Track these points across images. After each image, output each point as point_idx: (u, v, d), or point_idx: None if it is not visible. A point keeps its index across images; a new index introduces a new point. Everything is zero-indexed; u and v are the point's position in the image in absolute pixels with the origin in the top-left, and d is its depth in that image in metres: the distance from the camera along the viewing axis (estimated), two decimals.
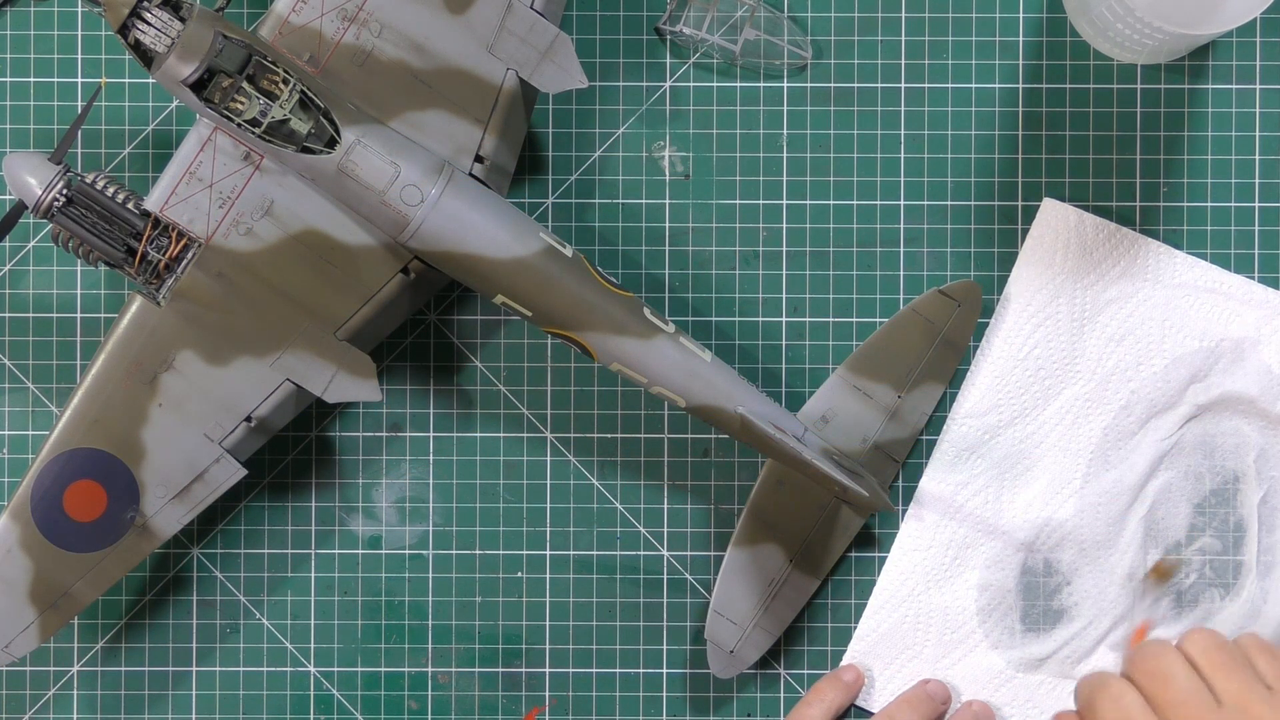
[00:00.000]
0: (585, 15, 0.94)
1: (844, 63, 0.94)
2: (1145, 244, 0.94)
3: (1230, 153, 0.94)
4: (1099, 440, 0.93)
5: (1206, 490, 0.94)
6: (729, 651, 0.92)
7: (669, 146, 0.95)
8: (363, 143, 0.85)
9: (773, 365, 0.94)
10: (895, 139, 0.94)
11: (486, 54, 0.87)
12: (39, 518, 0.87)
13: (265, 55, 0.85)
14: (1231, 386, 0.93)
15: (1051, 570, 0.94)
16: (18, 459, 0.94)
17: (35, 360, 0.94)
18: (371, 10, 0.86)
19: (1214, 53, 0.94)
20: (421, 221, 0.85)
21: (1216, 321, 0.93)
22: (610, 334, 0.87)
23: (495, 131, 0.88)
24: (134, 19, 0.84)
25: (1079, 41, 0.94)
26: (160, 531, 0.88)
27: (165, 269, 0.86)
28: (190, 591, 0.95)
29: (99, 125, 0.94)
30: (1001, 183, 0.94)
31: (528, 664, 0.95)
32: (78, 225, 0.86)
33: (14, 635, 0.88)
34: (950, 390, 0.94)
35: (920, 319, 0.92)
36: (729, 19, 0.94)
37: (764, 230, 0.95)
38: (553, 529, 0.95)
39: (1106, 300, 0.94)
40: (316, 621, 0.95)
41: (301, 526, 0.95)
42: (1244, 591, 0.94)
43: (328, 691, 0.95)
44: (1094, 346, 0.94)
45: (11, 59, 0.94)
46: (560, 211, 0.95)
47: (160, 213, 0.86)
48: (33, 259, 0.94)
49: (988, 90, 0.94)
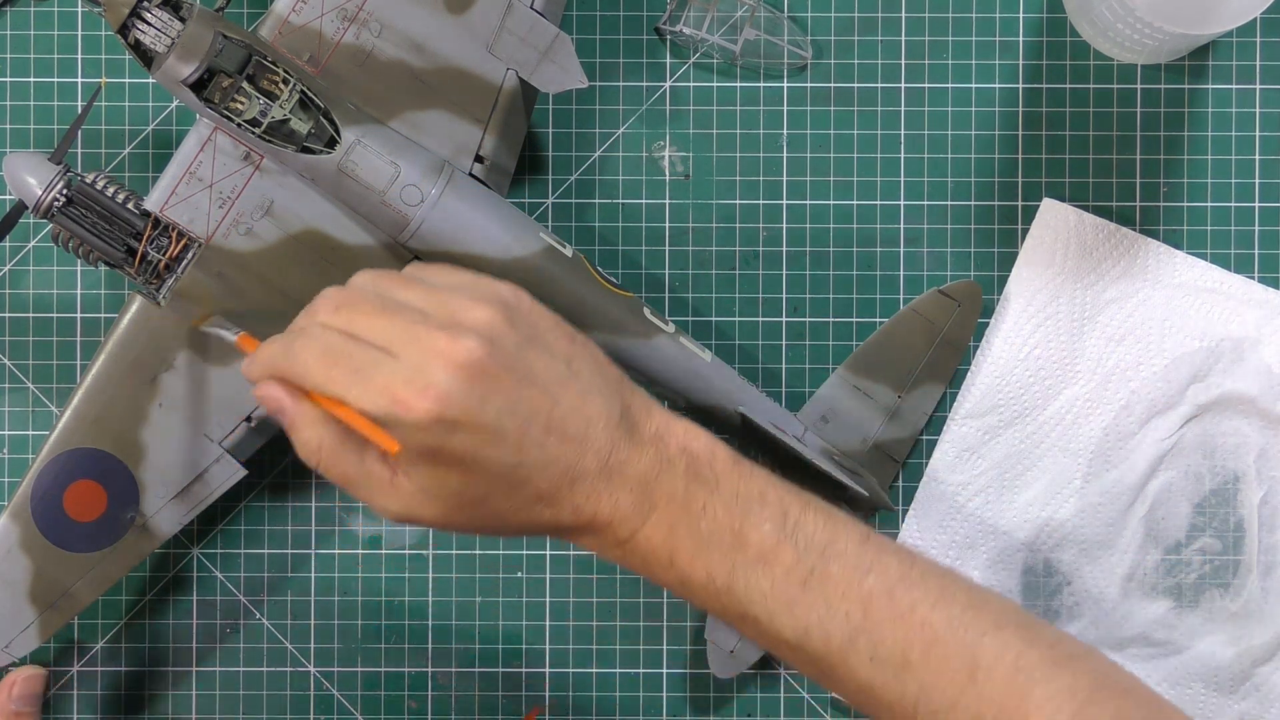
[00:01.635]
0: (585, 15, 0.94)
1: (844, 63, 0.94)
2: (1145, 244, 0.94)
3: (1230, 153, 0.94)
4: (1099, 440, 0.93)
5: (1206, 490, 0.94)
6: (729, 651, 0.92)
7: (669, 146, 0.95)
8: (363, 143, 0.85)
9: (773, 365, 0.94)
10: (895, 139, 0.94)
11: (486, 54, 0.87)
12: (39, 518, 0.87)
13: (265, 55, 0.85)
14: (1231, 386, 0.93)
15: (1051, 570, 0.94)
16: (18, 459, 0.94)
17: (35, 360, 0.94)
18: (371, 10, 0.86)
19: (1214, 53, 0.94)
20: (421, 221, 0.85)
21: (1216, 321, 0.93)
22: (610, 334, 0.87)
23: (495, 131, 0.88)
24: (134, 19, 0.84)
25: (1079, 41, 0.94)
26: (160, 531, 0.88)
27: (165, 269, 0.86)
28: (190, 591, 0.95)
29: (99, 125, 0.94)
30: (1001, 183, 0.94)
31: (528, 664, 0.95)
32: (78, 225, 0.86)
33: (14, 635, 0.88)
34: (950, 390, 0.94)
35: (920, 319, 0.92)
36: (729, 19, 0.94)
37: (764, 230, 0.95)
38: None
39: (1106, 300, 0.94)
40: (316, 621, 0.95)
41: (301, 526, 0.95)
42: (1244, 591, 0.94)
43: (328, 691, 0.95)
44: (1094, 346, 0.94)
45: (11, 59, 0.94)
46: (560, 211, 0.95)
47: (160, 213, 0.86)
48: (33, 259, 0.94)
49: (988, 90, 0.94)
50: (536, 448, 0.71)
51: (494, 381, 0.71)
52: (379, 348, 0.71)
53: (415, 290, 0.73)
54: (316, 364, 0.71)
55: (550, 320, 0.75)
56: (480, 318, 0.72)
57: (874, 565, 0.73)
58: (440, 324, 0.71)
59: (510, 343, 0.72)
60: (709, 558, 0.73)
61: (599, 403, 0.73)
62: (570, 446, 0.72)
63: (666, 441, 0.74)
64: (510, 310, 0.73)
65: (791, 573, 0.73)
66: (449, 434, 0.70)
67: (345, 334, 0.71)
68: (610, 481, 0.73)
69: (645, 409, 0.75)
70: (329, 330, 0.72)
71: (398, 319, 0.71)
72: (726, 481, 0.74)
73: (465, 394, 0.70)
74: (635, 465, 0.73)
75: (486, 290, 0.74)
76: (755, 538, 0.73)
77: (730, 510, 0.73)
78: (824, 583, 0.73)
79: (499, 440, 0.71)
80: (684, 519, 0.73)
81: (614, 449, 0.73)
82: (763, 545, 0.73)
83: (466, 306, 0.72)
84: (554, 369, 0.73)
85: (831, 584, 0.73)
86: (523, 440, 0.71)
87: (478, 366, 0.70)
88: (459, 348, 0.70)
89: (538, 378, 0.72)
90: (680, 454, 0.74)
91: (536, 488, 0.72)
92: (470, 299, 0.72)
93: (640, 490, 0.73)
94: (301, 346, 0.72)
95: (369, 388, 0.70)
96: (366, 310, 0.72)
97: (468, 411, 0.70)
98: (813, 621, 0.73)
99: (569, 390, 0.72)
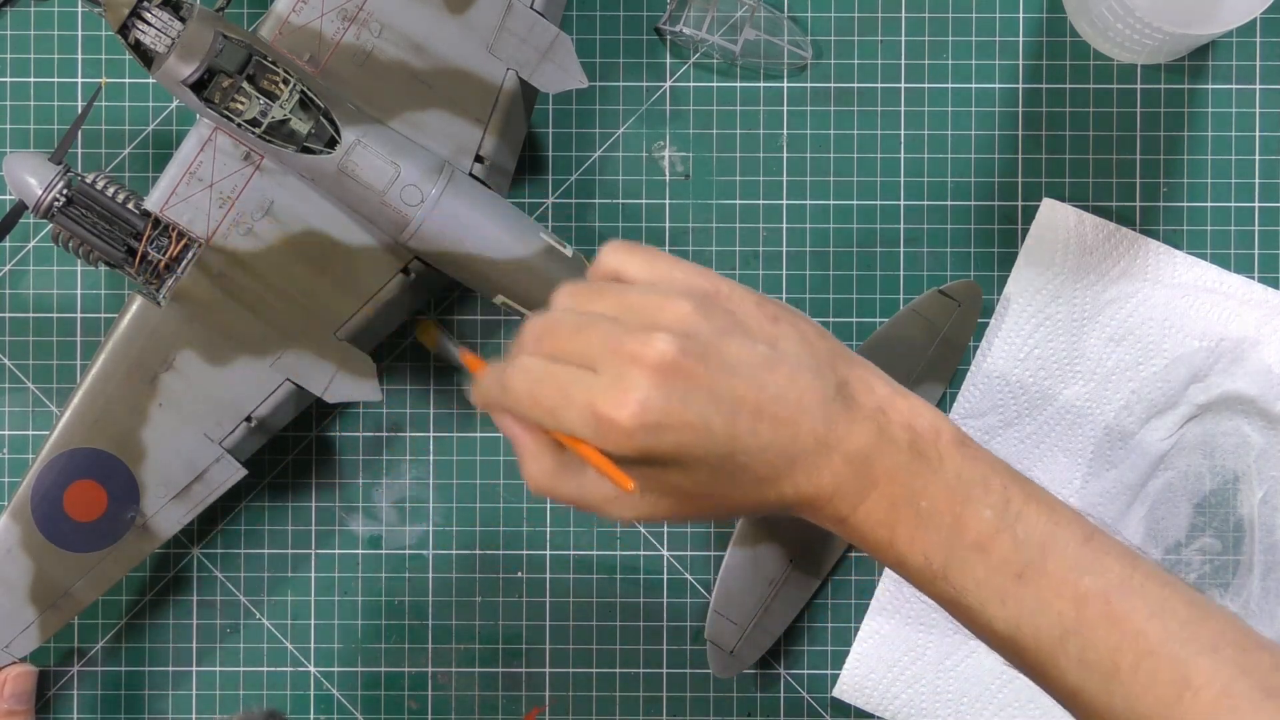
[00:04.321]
0: (585, 15, 0.94)
1: (844, 63, 0.94)
2: (1145, 244, 0.94)
3: (1230, 153, 0.94)
4: (1099, 440, 0.93)
5: (1206, 490, 0.94)
6: (729, 651, 0.92)
7: (669, 146, 0.95)
8: (363, 143, 0.85)
9: None
10: (895, 139, 0.94)
11: (486, 54, 0.87)
12: (39, 518, 0.87)
13: (265, 55, 0.85)
14: (1231, 386, 0.93)
15: None
16: (18, 459, 0.94)
17: (35, 360, 0.94)
18: (371, 10, 0.86)
19: (1214, 53, 0.94)
20: (421, 221, 0.85)
21: (1216, 321, 0.93)
22: None
23: (495, 131, 0.88)
24: (134, 19, 0.84)
25: (1079, 41, 0.94)
26: (160, 531, 0.88)
27: (165, 269, 0.86)
28: (190, 591, 0.95)
29: (99, 125, 0.94)
30: (1001, 183, 0.94)
31: (528, 664, 0.95)
32: (78, 225, 0.86)
33: (14, 635, 0.88)
34: (950, 390, 0.94)
35: (920, 319, 0.92)
36: (729, 19, 0.94)
37: (764, 230, 0.95)
38: (553, 529, 0.95)
39: (1106, 300, 0.94)
40: (316, 621, 0.95)
41: (301, 526, 0.95)
42: (1244, 591, 0.94)
43: (328, 691, 0.95)
44: (1094, 346, 0.94)
45: (11, 59, 0.94)
46: (560, 211, 0.95)
47: (160, 213, 0.86)
48: (33, 259, 0.95)
49: (988, 90, 0.94)
50: (749, 434, 0.70)
51: (692, 378, 0.69)
52: (581, 366, 0.70)
53: (609, 298, 0.72)
54: (526, 396, 0.71)
55: (751, 302, 0.73)
56: (672, 315, 0.70)
57: (1093, 566, 0.71)
58: (633, 329, 0.70)
59: (706, 334, 0.70)
60: (927, 539, 0.72)
61: (809, 380, 0.71)
62: (784, 428, 0.71)
63: (889, 416, 0.72)
64: (704, 301, 0.71)
65: (1007, 564, 0.71)
66: (657, 437, 0.69)
67: (550, 358, 0.71)
68: (829, 457, 0.71)
69: (865, 382, 0.73)
70: (535, 359, 0.71)
71: (593, 334, 0.70)
72: (950, 462, 0.72)
73: (664, 396, 0.69)
74: (854, 440, 0.71)
75: (681, 283, 0.72)
76: (974, 524, 0.71)
77: (952, 492, 0.72)
78: (1039, 578, 0.71)
79: (708, 434, 0.70)
80: (905, 497, 0.72)
81: (830, 425, 0.71)
82: (981, 532, 0.71)
83: (658, 305, 0.71)
84: (756, 353, 0.71)
85: (1047, 580, 0.71)
86: (733, 430, 0.70)
87: (672, 366, 0.69)
88: (650, 351, 0.69)
89: (740, 365, 0.70)
90: (903, 430, 0.72)
91: (756, 472, 0.71)
92: (662, 296, 0.71)
93: (861, 466, 0.72)
94: (511, 378, 0.71)
95: (574, 409, 0.69)
96: (565, 332, 0.71)
97: (670, 413, 0.69)
98: (1024, 616, 0.71)
99: (776, 373, 0.71)
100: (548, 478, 0.72)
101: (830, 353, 0.73)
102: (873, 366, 0.74)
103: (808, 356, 0.72)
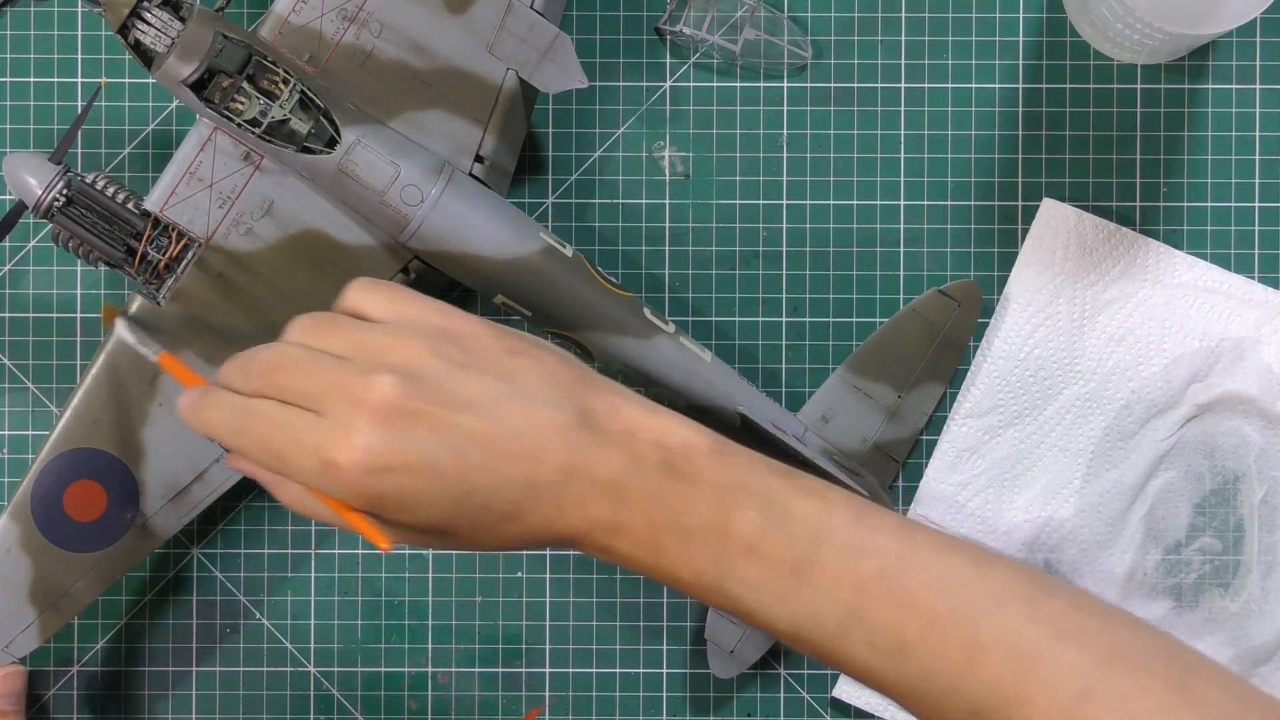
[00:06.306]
0: (585, 15, 0.94)
1: (844, 63, 0.94)
2: (1145, 244, 0.94)
3: (1230, 153, 0.94)
4: (1099, 440, 0.93)
5: (1206, 490, 0.94)
6: (729, 651, 0.92)
7: (669, 146, 0.95)
8: (363, 143, 0.85)
9: (773, 365, 0.94)
10: (895, 139, 0.94)
11: (486, 54, 0.88)
12: (39, 518, 0.87)
13: (265, 55, 0.85)
14: (1231, 386, 0.93)
15: (1051, 570, 0.94)
16: (18, 459, 0.94)
17: (35, 360, 0.95)
18: (371, 10, 0.86)
19: (1214, 53, 0.94)
20: (421, 221, 0.85)
21: (1216, 321, 0.93)
22: (610, 334, 0.87)
23: (495, 131, 0.88)
24: (134, 19, 0.84)
25: (1079, 41, 0.94)
26: (160, 531, 0.88)
27: (165, 269, 0.86)
28: (190, 591, 0.95)
29: (99, 125, 0.94)
30: (1001, 183, 0.95)
31: (528, 664, 0.95)
32: (78, 225, 0.86)
33: (14, 635, 0.88)
34: (950, 390, 0.94)
35: (920, 319, 0.92)
36: (729, 19, 0.94)
37: (764, 230, 0.95)
38: None
39: (1106, 300, 0.94)
40: (316, 621, 0.95)
41: (301, 526, 0.95)
42: (1244, 591, 0.94)
43: (328, 691, 0.95)
44: (1094, 346, 0.94)
45: (11, 59, 0.94)
46: (560, 211, 0.95)
47: (160, 213, 0.86)
48: (33, 259, 0.95)
49: (988, 90, 0.94)
50: (484, 472, 0.69)
51: (416, 418, 0.68)
52: (308, 410, 0.69)
53: (342, 336, 0.71)
54: (259, 444, 0.70)
55: (489, 337, 0.72)
56: (400, 355, 0.69)
57: (867, 547, 0.70)
58: (359, 370, 0.69)
59: (436, 373, 0.69)
60: (694, 554, 0.71)
61: (547, 412, 0.70)
62: (521, 463, 0.69)
63: (638, 438, 0.71)
64: (437, 339, 0.70)
65: (780, 562, 0.70)
66: (383, 480, 0.68)
67: (279, 401, 0.70)
68: (578, 487, 0.70)
69: (611, 407, 0.72)
70: (264, 401, 0.70)
71: (319, 374, 0.69)
72: (707, 473, 0.71)
73: (387, 438, 0.68)
74: (604, 467, 0.70)
75: (416, 321, 0.71)
76: (741, 528, 0.70)
77: (712, 503, 0.71)
78: (815, 570, 0.70)
79: (436, 475, 0.69)
80: (664, 516, 0.70)
81: (576, 454, 0.70)
82: (748, 535, 0.70)
83: (388, 345, 0.70)
84: (490, 389, 0.70)
85: (823, 571, 0.70)
86: (464, 469, 0.69)
87: (396, 407, 0.68)
88: (373, 393, 0.68)
89: (472, 402, 0.69)
90: (654, 449, 0.71)
91: (498, 510, 0.70)
92: (393, 336, 0.70)
93: (614, 492, 0.70)
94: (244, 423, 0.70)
95: (302, 454, 0.68)
96: (292, 370, 0.70)
97: (393, 455, 0.68)
98: (806, 611, 0.70)
99: (512, 407, 0.70)
100: (302, 502, 0.71)
101: (574, 381, 0.72)
102: (623, 389, 0.73)
103: (548, 388, 0.71)
